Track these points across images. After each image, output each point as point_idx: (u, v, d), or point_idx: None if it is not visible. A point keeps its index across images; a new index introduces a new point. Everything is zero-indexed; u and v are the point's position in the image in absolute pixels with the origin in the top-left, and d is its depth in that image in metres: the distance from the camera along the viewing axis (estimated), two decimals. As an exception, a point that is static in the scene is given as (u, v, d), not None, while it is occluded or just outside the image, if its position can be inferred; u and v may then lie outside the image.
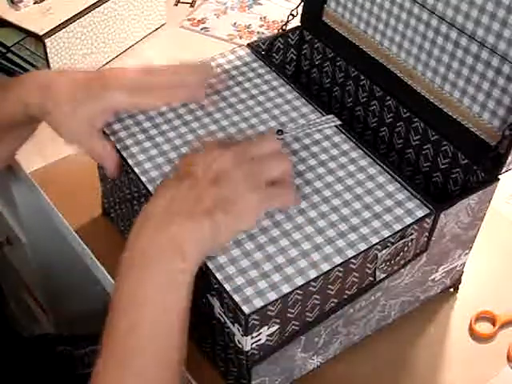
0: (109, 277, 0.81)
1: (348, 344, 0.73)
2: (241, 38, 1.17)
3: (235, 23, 1.20)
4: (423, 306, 0.78)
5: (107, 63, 1.11)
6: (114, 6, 1.07)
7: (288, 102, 0.76)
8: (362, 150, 0.71)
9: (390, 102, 0.79)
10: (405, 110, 0.78)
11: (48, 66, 1.01)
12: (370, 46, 0.81)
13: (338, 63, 0.85)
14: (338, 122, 0.74)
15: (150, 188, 0.67)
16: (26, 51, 1.06)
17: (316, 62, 0.88)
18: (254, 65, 0.81)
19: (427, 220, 0.66)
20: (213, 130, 0.73)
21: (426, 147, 0.77)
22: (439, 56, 0.74)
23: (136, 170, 0.69)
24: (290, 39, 0.87)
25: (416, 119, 0.77)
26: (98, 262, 0.82)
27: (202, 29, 1.19)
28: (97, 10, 1.05)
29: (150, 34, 1.17)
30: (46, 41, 0.99)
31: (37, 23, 1.01)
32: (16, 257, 1.28)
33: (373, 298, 0.70)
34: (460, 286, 0.80)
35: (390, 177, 0.69)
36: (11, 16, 1.03)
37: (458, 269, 0.79)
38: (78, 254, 0.87)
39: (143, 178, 0.69)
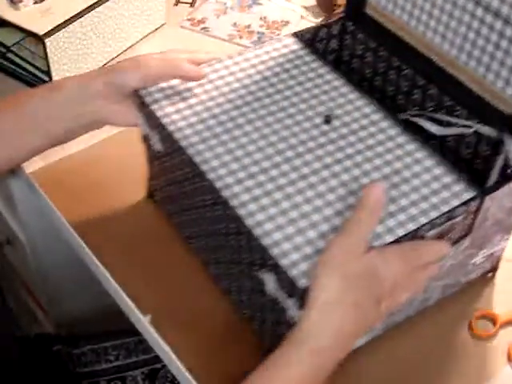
0: (109, 277, 0.81)
1: (391, 324, 0.75)
2: (241, 38, 1.17)
3: (235, 23, 1.20)
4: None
5: (107, 63, 1.11)
6: (113, 5, 1.07)
7: (335, 89, 0.79)
8: (408, 135, 0.74)
9: (432, 90, 0.81)
10: (447, 99, 0.79)
11: (48, 66, 1.01)
12: (413, 37, 0.83)
13: (380, 53, 0.86)
14: None
15: (205, 168, 0.70)
16: (26, 51, 1.06)
17: (357, 52, 0.89)
18: (300, 53, 0.84)
19: (473, 203, 0.68)
20: (262, 115, 0.76)
21: (468, 135, 0.78)
22: (483, 46, 0.74)
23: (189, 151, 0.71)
24: (332, 30, 0.89)
25: (458, 107, 0.78)
26: (98, 262, 0.82)
27: (201, 29, 1.19)
28: (97, 9, 1.05)
29: (149, 33, 1.17)
30: (45, 41, 0.99)
31: (37, 23, 1.01)
32: (16, 257, 1.28)
33: None
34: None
35: (436, 161, 0.71)
36: (11, 16, 1.03)
37: (496, 254, 0.80)
38: (78, 254, 0.87)
39: (197, 159, 0.71)
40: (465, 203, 0.67)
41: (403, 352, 0.75)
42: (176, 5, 1.25)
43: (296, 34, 0.87)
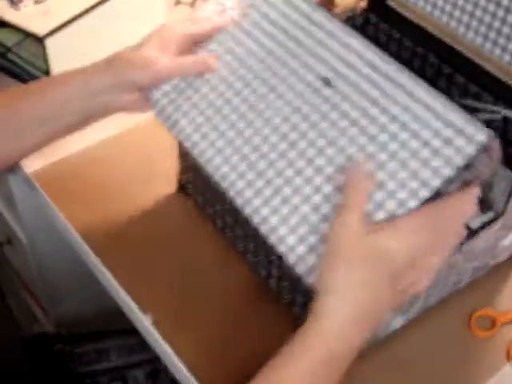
0: (109, 276, 0.81)
1: (426, 306, 0.76)
2: (240, 38, 1.17)
3: (235, 23, 1.20)
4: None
5: (107, 63, 1.11)
6: (113, 6, 1.07)
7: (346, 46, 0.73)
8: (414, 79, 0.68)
9: (457, 78, 0.82)
10: (473, 86, 0.80)
11: (48, 66, 1.01)
12: (437, 28, 0.84)
13: (405, 44, 0.87)
14: None
15: (217, 177, 0.70)
16: (26, 51, 1.06)
17: (381, 43, 0.90)
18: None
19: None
20: (262, 93, 0.72)
21: (495, 121, 0.78)
22: (509, 33, 0.75)
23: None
24: (356, 22, 0.91)
25: (485, 94, 0.79)
26: (99, 262, 0.82)
27: (201, 29, 1.19)
28: (97, 10, 1.05)
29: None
30: (46, 41, 0.99)
31: (37, 23, 1.01)
32: (16, 257, 1.28)
33: (452, 259, 0.70)
34: (459, 286, 0.80)
35: (446, 103, 0.64)
36: (11, 16, 1.03)
37: None
38: (78, 254, 0.87)
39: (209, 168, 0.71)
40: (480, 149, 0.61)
41: (403, 350, 0.76)
42: (176, 5, 1.25)
43: None
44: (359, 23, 0.91)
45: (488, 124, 0.76)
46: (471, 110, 0.78)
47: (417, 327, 0.77)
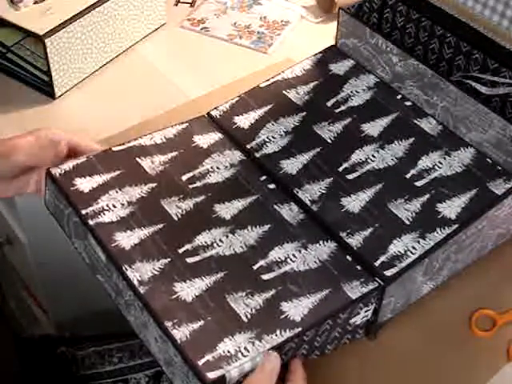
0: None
1: (453, 272, 0.78)
2: (241, 37, 1.17)
3: (235, 23, 1.20)
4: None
5: (107, 63, 1.11)
6: (113, 5, 1.07)
7: None
8: None
9: (476, 55, 0.84)
10: (492, 62, 0.83)
11: (48, 65, 1.01)
12: (454, 8, 0.86)
13: (423, 23, 0.90)
14: None
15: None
16: (26, 51, 1.06)
17: (398, 24, 0.93)
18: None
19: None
20: None
21: None
22: None
23: None
24: (374, 4, 0.94)
25: (504, 69, 0.82)
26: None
27: (201, 29, 1.19)
28: (97, 9, 1.05)
29: (149, 33, 1.17)
30: (45, 41, 0.99)
31: (37, 23, 1.01)
32: (16, 257, 1.28)
33: (480, 226, 0.75)
34: (460, 286, 0.80)
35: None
36: (11, 16, 1.03)
37: None
38: (78, 254, 0.87)
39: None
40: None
41: (403, 351, 0.75)
42: (176, 5, 1.25)
43: (342, 9, 0.92)
44: (377, 5, 0.93)
45: (507, 96, 0.81)
46: (491, 84, 0.82)
47: (417, 327, 0.77)
